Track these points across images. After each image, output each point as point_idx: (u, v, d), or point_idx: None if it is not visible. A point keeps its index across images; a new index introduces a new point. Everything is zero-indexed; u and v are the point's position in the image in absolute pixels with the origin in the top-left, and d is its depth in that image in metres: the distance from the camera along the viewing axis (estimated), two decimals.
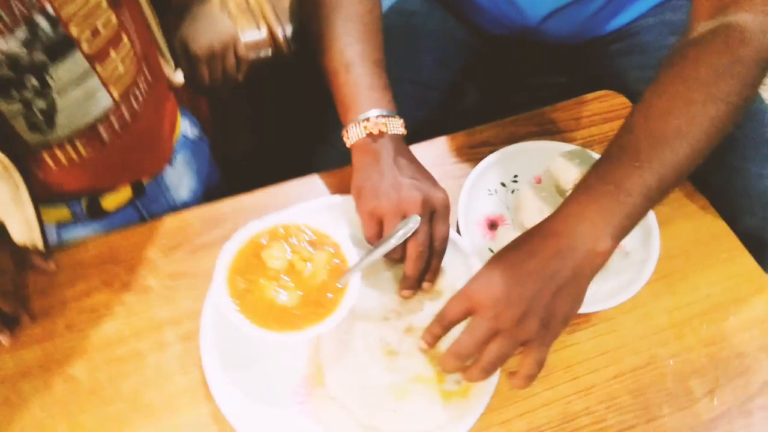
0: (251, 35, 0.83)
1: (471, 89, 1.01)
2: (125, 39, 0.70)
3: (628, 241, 0.78)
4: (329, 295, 0.67)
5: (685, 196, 0.83)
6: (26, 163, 0.68)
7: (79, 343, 0.70)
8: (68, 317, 0.72)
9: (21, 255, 0.73)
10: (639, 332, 0.73)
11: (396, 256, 0.69)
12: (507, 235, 0.77)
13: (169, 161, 0.87)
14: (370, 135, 0.72)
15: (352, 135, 0.73)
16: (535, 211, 0.75)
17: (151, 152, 0.81)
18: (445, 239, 0.70)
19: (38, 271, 0.74)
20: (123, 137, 0.74)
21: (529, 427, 0.67)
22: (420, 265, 0.68)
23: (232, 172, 0.98)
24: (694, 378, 0.70)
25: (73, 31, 0.64)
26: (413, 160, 0.74)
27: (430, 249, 0.69)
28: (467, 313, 0.61)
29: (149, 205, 0.86)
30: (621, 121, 0.91)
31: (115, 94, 0.71)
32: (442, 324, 0.63)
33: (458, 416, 0.64)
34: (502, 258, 0.61)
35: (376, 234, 0.70)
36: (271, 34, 0.85)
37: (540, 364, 0.59)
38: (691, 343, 0.72)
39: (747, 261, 0.78)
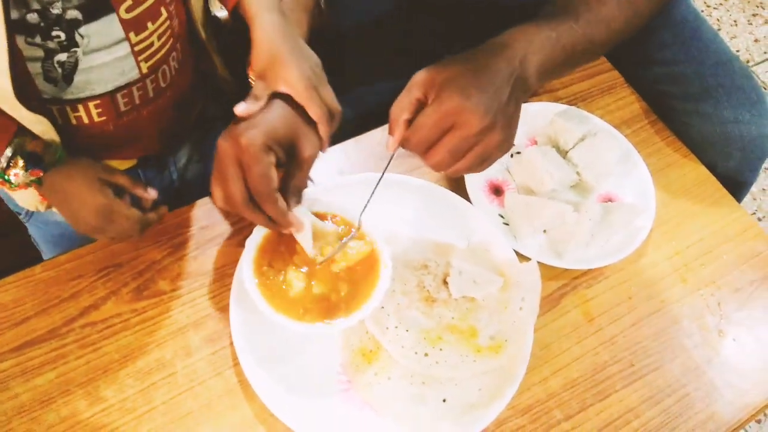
0: None
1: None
2: (164, 13, 0.67)
3: (629, 195, 0.82)
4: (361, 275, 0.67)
5: (668, 145, 0.88)
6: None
7: (97, 360, 0.65)
8: (78, 334, 0.67)
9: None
10: (647, 280, 0.77)
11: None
12: (515, 200, 0.78)
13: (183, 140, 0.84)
14: None
15: None
16: (545, 175, 0.77)
17: (163, 130, 0.78)
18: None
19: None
20: (140, 111, 0.71)
21: (564, 382, 0.70)
22: None
23: None
24: (705, 315, 0.75)
25: None
26: None
27: None
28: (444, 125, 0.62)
29: (149, 172, 0.82)
30: (600, 78, 0.94)
31: (144, 68, 0.68)
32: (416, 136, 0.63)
33: (500, 385, 0.66)
34: (464, 72, 0.62)
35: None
36: None
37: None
38: (694, 285, 0.77)
39: (730, 203, 0.84)
